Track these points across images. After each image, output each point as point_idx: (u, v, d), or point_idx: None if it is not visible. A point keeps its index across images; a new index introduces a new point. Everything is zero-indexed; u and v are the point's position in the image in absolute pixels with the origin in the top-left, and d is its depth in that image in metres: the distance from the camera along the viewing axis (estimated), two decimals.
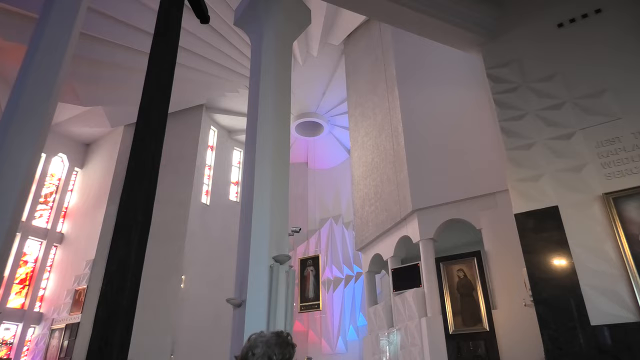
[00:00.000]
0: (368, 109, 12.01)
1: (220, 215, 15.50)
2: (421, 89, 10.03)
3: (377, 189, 10.79)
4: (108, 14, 11.24)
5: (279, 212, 6.06)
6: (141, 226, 2.07)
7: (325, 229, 17.20)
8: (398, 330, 8.99)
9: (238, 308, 5.48)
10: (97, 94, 13.57)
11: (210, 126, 16.71)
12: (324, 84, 15.39)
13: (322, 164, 18.12)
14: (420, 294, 8.66)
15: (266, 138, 6.50)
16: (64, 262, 14.58)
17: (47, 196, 15.42)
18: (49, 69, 6.47)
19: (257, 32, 7.72)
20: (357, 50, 13.26)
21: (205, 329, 13.24)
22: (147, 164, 2.16)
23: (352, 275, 15.92)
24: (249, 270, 5.48)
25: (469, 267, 8.36)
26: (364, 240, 11.18)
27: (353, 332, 15.11)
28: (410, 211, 9.16)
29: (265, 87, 6.94)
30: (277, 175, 6.29)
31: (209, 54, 13.12)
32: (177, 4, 2.93)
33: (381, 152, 10.88)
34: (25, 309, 13.73)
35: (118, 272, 1.92)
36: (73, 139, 16.13)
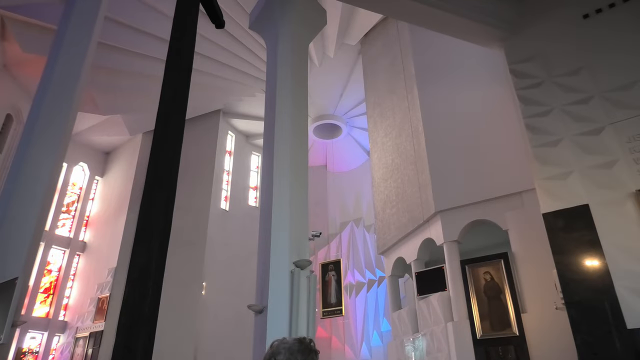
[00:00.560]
0: (387, 109, 11.95)
1: (240, 221, 15.63)
2: (441, 87, 9.93)
3: (399, 190, 10.72)
4: (125, 23, 11.49)
5: (298, 217, 6.07)
6: (162, 233, 2.10)
7: (346, 232, 17.15)
8: (423, 336, 8.89)
9: (259, 314, 5.50)
10: (116, 103, 13.87)
11: (228, 131, 16.89)
12: (342, 85, 15.39)
13: (341, 166, 18.10)
14: (446, 298, 8.55)
15: (284, 142, 6.53)
16: (87, 271, 14.91)
17: (69, 205, 15.80)
18: (68, 80, 6.65)
19: (272, 35, 7.77)
20: (375, 49, 13.22)
21: (227, 336, 13.35)
22: (166, 170, 2.19)
23: (374, 279, 15.82)
24: (270, 276, 5.50)
25: (496, 269, 8.21)
26: (386, 244, 11.11)
27: (377, 338, 15.01)
28: (433, 213, 9.06)
29: (282, 90, 6.97)
30: (296, 179, 6.31)
31: (225, 59, 13.27)
32: (192, 10, 2.97)
33: (401, 153, 10.80)
34: (50, 317, 14.08)
35: (139, 279, 1.95)
36: (93, 148, 16.51)
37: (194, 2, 2.99)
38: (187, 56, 2.79)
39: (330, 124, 16.72)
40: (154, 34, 11.73)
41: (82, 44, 7.00)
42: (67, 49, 6.85)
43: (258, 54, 13.13)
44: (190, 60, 2.84)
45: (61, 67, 6.69)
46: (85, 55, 6.96)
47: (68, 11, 7.27)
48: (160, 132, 2.33)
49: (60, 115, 6.42)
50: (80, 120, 14.18)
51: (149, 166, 2.23)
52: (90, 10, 7.32)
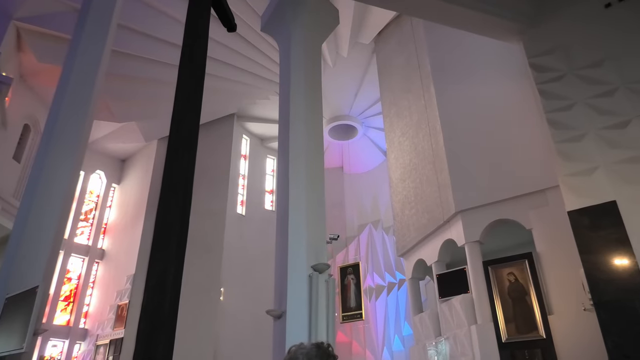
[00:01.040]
0: (403, 108, 11.90)
1: (256, 225, 15.71)
2: (459, 84, 9.84)
3: (417, 191, 10.65)
4: (137, 30, 11.69)
5: (315, 220, 6.08)
6: (178, 239, 2.13)
7: (364, 235, 17.10)
8: (446, 339, 8.80)
9: (278, 319, 5.52)
10: (131, 110, 14.10)
11: (243, 135, 17.02)
12: (356, 85, 15.37)
13: (358, 167, 18.06)
14: (469, 300, 8.45)
15: (299, 144, 6.55)
16: (106, 278, 15.16)
17: (87, 213, 16.11)
18: (83, 88, 6.79)
19: (284, 37, 7.81)
20: (389, 47, 13.18)
21: (246, 341, 13.41)
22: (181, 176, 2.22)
23: (394, 282, 15.73)
24: (288, 280, 5.52)
25: (520, 270, 8.09)
26: (406, 246, 11.05)
27: (399, 342, 14.91)
28: (453, 213, 8.98)
29: (296, 91, 7.00)
30: (312, 182, 6.32)
31: (238, 62, 13.38)
32: (203, 15, 3.01)
33: (419, 153, 10.74)
34: (70, 325, 14.35)
35: (158, 286, 1.98)
36: (109, 156, 16.81)
37: (205, 7, 3.03)
38: (200, 61, 2.82)
39: (345, 124, 16.70)
40: (167, 40, 11.90)
41: (96, 52, 7.15)
42: (81, 57, 7.00)
43: (271, 56, 13.21)
44: (203, 65, 2.88)
45: (76, 76, 6.84)
46: (100, 63, 7.11)
47: (82, 20, 7.43)
48: (174, 138, 2.36)
49: (77, 124, 6.56)
50: (96, 128, 14.44)
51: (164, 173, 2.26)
52: (104, 19, 7.47)
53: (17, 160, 11.92)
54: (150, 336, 1.94)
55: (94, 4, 7.50)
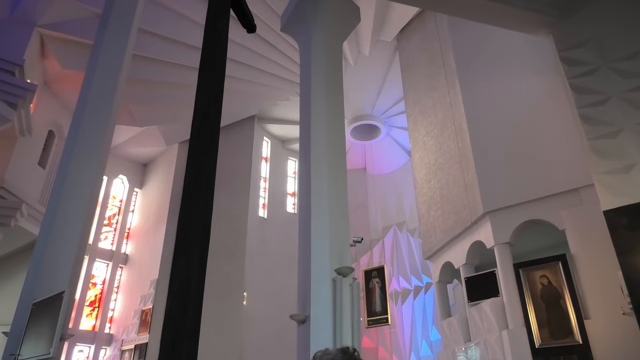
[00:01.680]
0: (428, 107, 11.80)
1: (279, 228, 15.79)
2: (485, 81, 9.71)
3: (443, 191, 10.54)
4: (157, 33, 11.92)
5: (338, 222, 6.07)
6: (200, 244, 2.16)
7: (389, 237, 17.00)
8: (476, 345, 8.67)
9: (302, 324, 5.53)
10: (152, 114, 14.37)
11: (263, 137, 17.14)
12: (379, 84, 15.31)
13: (382, 168, 17.97)
14: (499, 304, 8.31)
15: (321, 145, 6.55)
16: (130, 283, 15.47)
17: (110, 218, 16.48)
18: (105, 93, 6.96)
19: (305, 36, 7.84)
20: (412, 44, 13.09)
21: (270, 346, 13.48)
22: (202, 180, 2.25)
23: (421, 285, 15.58)
24: (311, 284, 5.53)
25: (554, 272, 7.90)
26: (432, 248, 10.95)
27: (426, 348, 14.75)
28: (481, 214, 8.86)
29: (317, 92, 7.01)
30: (334, 184, 6.32)
31: (258, 64, 13.50)
32: (223, 16, 3.05)
33: (445, 152, 10.63)
34: (96, 330, 14.69)
35: (180, 291, 2.01)
36: (131, 160, 17.16)
37: (225, 8, 3.06)
38: (220, 63, 2.86)
39: (368, 124, 16.64)
40: (187, 43, 12.09)
41: (117, 57, 7.31)
42: (103, 63, 7.18)
43: (291, 56, 13.27)
44: (223, 67, 2.91)
45: (98, 81, 7.01)
46: (121, 68, 7.27)
47: (103, 25, 7.62)
48: (195, 142, 2.39)
49: (99, 129, 6.72)
50: (118, 133, 14.78)
51: (185, 177, 2.29)
52: (124, 23, 7.64)
53: (42, 166, 12.28)
54: (174, 342, 1.97)
55: (115, 9, 7.68)
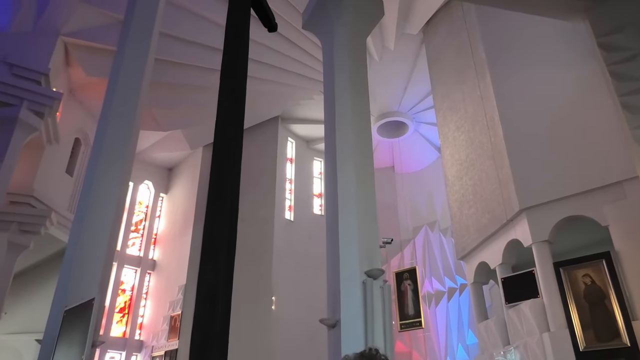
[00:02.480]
0: (457, 101, 11.66)
1: (306, 231, 15.84)
2: (517, 71, 9.55)
3: (476, 188, 10.40)
4: (179, 36, 12.15)
5: (367, 223, 6.05)
6: (227, 248, 2.18)
7: (420, 237, 16.84)
8: (516, 349, 8.51)
9: (333, 328, 5.53)
10: (175, 118, 14.65)
11: (288, 138, 17.23)
12: (405, 79, 15.19)
13: (410, 166, 17.82)
14: (539, 306, 8.14)
15: (346, 144, 6.54)
16: (158, 289, 15.80)
17: (137, 224, 16.87)
18: (129, 99, 7.14)
19: (327, 33, 7.84)
20: (439, 37, 12.94)
21: (300, 352, 13.53)
22: (227, 183, 2.28)
23: (455, 287, 15.38)
24: (341, 287, 5.52)
25: (597, 271, 7.68)
26: (466, 248, 10.81)
27: (462, 352, 14.54)
28: (517, 211, 8.70)
29: (341, 89, 7.01)
30: (361, 184, 6.30)
31: (280, 63, 13.58)
32: (243, 16, 3.08)
33: (476, 147, 10.48)
34: (126, 337, 15.06)
35: (208, 296, 2.04)
36: (156, 165, 17.53)
37: (245, 8, 3.10)
38: (242, 64, 2.89)
39: (395, 121, 16.53)
40: (208, 45, 12.29)
41: (140, 62, 7.49)
42: (126, 68, 7.36)
43: (314, 54, 13.31)
44: (245, 68, 2.94)
45: (121, 87, 7.19)
46: (144, 73, 7.44)
47: (125, 31, 7.82)
48: (219, 145, 2.42)
49: (124, 135, 6.90)
50: (142, 138, 15.12)
51: (210, 181, 2.32)
52: (146, 28, 7.82)
53: (70, 174, 12.67)
54: (204, 348, 2.00)
55: (136, 14, 7.87)
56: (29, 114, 9.85)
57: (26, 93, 9.90)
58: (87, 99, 13.04)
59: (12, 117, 9.61)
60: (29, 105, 9.87)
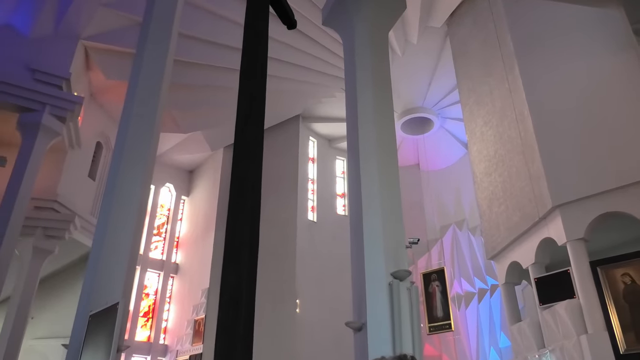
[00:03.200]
0: (484, 95, 11.51)
1: (329, 232, 15.84)
2: (547, 63, 9.38)
3: (506, 185, 10.26)
4: (197, 37, 12.31)
5: (392, 223, 6.02)
6: (250, 250, 2.20)
7: (447, 237, 16.68)
8: (552, 352, 8.36)
9: (359, 332, 5.52)
10: (195, 119, 14.85)
11: (309, 137, 17.26)
12: (429, 73, 15.05)
13: (436, 163, 17.65)
14: (576, 307, 7.97)
15: (369, 142, 6.52)
16: (182, 293, 16.04)
17: (159, 227, 17.15)
18: (149, 102, 7.27)
19: (348, 28, 7.83)
20: (464, 29, 12.79)
21: (326, 355, 13.53)
22: (248, 184, 2.29)
23: (486, 288, 15.17)
24: (366, 289, 5.51)
25: (637, 269, 7.50)
26: (496, 247, 10.67)
27: (495, 355, 14.34)
28: (550, 208, 8.55)
29: (363, 86, 6.99)
30: (386, 182, 6.27)
31: (300, 60, 13.62)
32: (262, 14, 3.10)
33: (505, 142, 10.34)
34: (151, 341, 15.33)
35: (231, 300, 2.06)
36: (177, 168, 17.80)
37: (263, 5, 3.11)
38: (261, 63, 2.90)
39: (419, 117, 16.40)
40: (227, 44, 12.41)
41: (159, 64, 7.62)
42: (145, 71, 7.50)
43: (335, 50, 13.30)
44: (265, 68, 2.95)
45: (141, 90, 7.33)
46: (163, 75, 7.56)
47: (144, 33, 7.96)
48: (239, 146, 2.44)
49: (145, 138, 7.03)
50: (162, 141, 15.36)
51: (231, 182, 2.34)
52: (165, 29, 7.95)
53: (92, 178, 12.98)
54: (228, 351, 2.02)
55: (155, 16, 8.00)
56: (51, 119, 10.13)
57: (48, 98, 10.18)
58: (108, 103, 13.34)
59: (35, 122, 9.90)
60: (51, 110, 10.14)
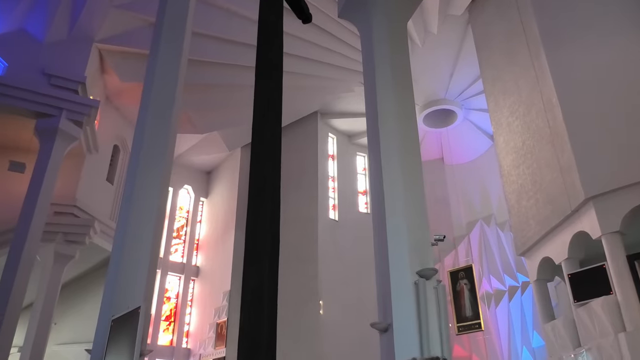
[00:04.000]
0: (509, 83, 11.37)
1: (352, 230, 15.84)
2: (575, 46, 9.25)
3: (535, 177, 10.13)
4: (211, 35, 12.43)
5: (416, 220, 5.99)
6: (270, 251, 2.22)
7: (475, 233, 16.52)
8: (588, 351, 8.25)
9: (384, 333, 5.51)
10: (212, 119, 14.99)
11: (328, 133, 17.27)
12: (451, 64, 14.91)
13: (461, 157, 17.49)
14: (613, 303, 7.85)
15: (391, 137, 6.50)
16: (203, 296, 16.24)
17: (179, 230, 17.38)
18: (164, 103, 7.36)
19: (365, 20, 7.81)
20: (486, 16, 12.63)
21: (351, 358, 13.55)
22: (267, 184, 2.31)
23: (517, 285, 15.00)
24: (391, 289, 5.50)
25: None
26: (527, 243, 10.56)
27: (528, 356, 14.17)
28: (583, 200, 8.43)
29: (382, 80, 6.96)
30: (408, 178, 6.24)
31: (317, 55, 13.63)
32: (276, 9, 3.11)
33: (533, 132, 10.21)
34: (173, 345, 15.56)
35: (253, 302, 2.08)
36: (195, 169, 18.01)
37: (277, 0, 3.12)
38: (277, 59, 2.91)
39: (442, 109, 16.26)
40: (241, 41, 12.50)
41: (173, 64, 7.71)
42: (160, 72, 7.59)
43: (352, 43, 13.28)
44: (280, 63, 2.97)
45: (156, 91, 7.43)
46: (178, 75, 7.65)
47: (157, 33, 8.07)
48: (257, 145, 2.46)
49: (162, 140, 7.12)
50: (179, 142, 15.55)
51: (250, 183, 2.36)
52: (178, 29, 8.03)
53: (110, 181, 13.22)
54: (251, 355, 2.04)
55: (167, 15, 8.10)
56: (68, 123, 10.35)
57: (64, 103, 10.41)
58: (124, 105, 13.57)
59: (52, 127, 10.13)
60: (67, 115, 10.37)
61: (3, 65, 10.58)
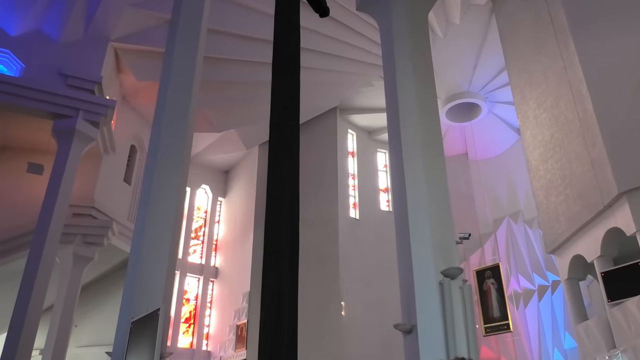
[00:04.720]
0: (536, 74, 11.22)
1: (373, 229, 15.80)
2: (605, 36, 9.13)
3: (564, 172, 10.00)
4: (227, 31, 12.52)
5: (440, 217, 5.96)
6: (290, 252, 2.22)
7: (502, 230, 16.35)
8: (623, 352, 8.14)
9: (409, 334, 5.49)
10: (228, 117, 15.10)
11: (348, 130, 17.25)
12: (474, 55, 14.76)
13: (486, 152, 17.31)
14: None
15: (412, 133, 6.47)
16: (222, 297, 16.38)
17: (197, 230, 17.54)
18: (181, 101, 7.45)
19: (384, 12, 7.78)
20: (511, 4, 12.48)
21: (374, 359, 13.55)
22: (286, 183, 2.31)
23: (546, 285, 14.81)
24: (415, 289, 5.48)
25: None
26: (556, 240, 10.43)
27: (559, 357, 13.99)
28: (616, 195, 8.30)
29: (403, 73, 6.93)
30: (431, 174, 6.20)
31: (335, 49, 13.61)
32: (293, 3, 3.11)
33: (562, 125, 10.07)
34: (193, 348, 15.74)
35: (273, 304, 2.09)
36: (212, 168, 18.16)
37: None
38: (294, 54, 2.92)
39: (466, 103, 16.12)
40: (257, 37, 12.57)
41: (189, 62, 7.79)
42: (176, 70, 7.68)
43: (371, 37, 13.23)
44: (298, 59, 2.97)
45: (173, 89, 7.52)
46: (194, 73, 7.73)
47: (173, 31, 8.17)
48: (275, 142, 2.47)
49: (178, 139, 7.21)
50: (196, 141, 15.71)
51: (268, 181, 2.37)
52: (194, 26, 8.12)
53: (128, 182, 13.42)
54: (271, 357, 2.05)
55: (183, 13, 8.19)
56: (85, 124, 10.53)
57: (81, 103, 10.60)
58: (140, 105, 13.75)
59: (70, 128, 10.32)
60: (84, 116, 10.55)
61: (20, 67, 10.82)
